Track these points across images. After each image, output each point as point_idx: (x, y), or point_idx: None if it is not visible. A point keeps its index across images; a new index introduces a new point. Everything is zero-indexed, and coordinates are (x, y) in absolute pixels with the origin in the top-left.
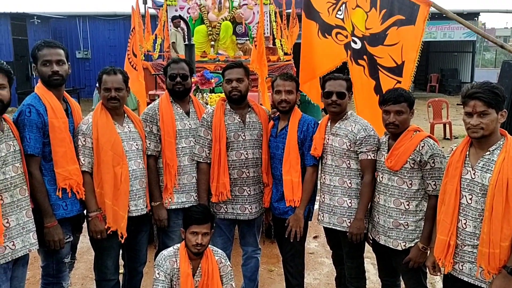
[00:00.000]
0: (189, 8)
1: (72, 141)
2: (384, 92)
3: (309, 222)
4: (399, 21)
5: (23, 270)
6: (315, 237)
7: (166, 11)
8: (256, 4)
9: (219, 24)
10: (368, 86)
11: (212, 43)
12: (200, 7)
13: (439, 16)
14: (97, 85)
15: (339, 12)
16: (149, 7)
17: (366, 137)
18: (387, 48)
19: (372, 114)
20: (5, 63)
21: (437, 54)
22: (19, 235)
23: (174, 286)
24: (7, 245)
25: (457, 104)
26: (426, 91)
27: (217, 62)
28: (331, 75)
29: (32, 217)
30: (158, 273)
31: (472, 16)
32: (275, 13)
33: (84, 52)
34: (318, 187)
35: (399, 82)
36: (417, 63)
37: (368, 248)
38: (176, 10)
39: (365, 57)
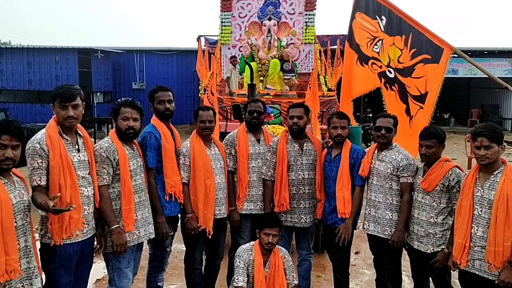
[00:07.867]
0: (241, 46)
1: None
2: (411, 115)
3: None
4: (426, 59)
5: (139, 254)
6: (356, 253)
7: (220, 49)
8: (302, 43)
9: (268, 62)
10: (400, 109)
11: (261, 78)
12: (251, 46)
13: (480, 53)
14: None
15: (375, 47)
16: (204, 46)
17: (407, 165)
18: (414, 79)
19: (404, 133)
20: (139, 102)
21: (479, 90)
22: (142, 226)
23: (250, 274)
24: (135, 232)
25: None
26: (467, 126)
27: (266, 96)
28: (381, 113)
29: (151, 214)
30: (238, 262)
31: None
32: (320, 51)
33: (139, 83)
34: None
35: (421, 108)
36: (438, 95)
37: (404, 263)
38: (229, 49)
39: (396, 84)
